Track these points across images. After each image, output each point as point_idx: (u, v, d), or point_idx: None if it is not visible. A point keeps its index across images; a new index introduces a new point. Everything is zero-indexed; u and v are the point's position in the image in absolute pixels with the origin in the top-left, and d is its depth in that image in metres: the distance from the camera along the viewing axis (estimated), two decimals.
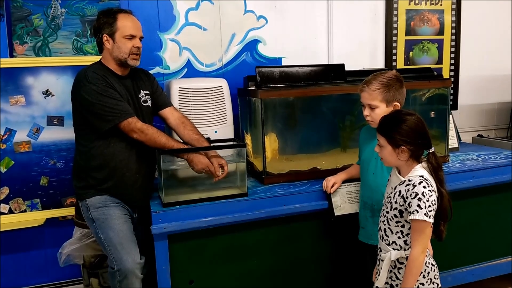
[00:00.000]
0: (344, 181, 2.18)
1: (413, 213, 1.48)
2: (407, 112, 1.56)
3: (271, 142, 2.35)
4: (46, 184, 2.48)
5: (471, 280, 2.57)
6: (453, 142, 2.97)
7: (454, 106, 3.43)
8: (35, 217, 2.47)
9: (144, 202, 2.14)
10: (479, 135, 3.46)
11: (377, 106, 1.86)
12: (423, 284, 1.55)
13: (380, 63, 3.24)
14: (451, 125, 2.92)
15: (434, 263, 1.62)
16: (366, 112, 1.90)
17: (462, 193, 2.40)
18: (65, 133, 2.47)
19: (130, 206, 2.12)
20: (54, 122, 2.46)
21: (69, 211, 2.53)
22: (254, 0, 2.83)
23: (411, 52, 3.29)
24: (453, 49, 3.40)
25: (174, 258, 2.01)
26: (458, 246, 2.49)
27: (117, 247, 1.98)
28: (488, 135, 3.54)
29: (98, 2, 2.51)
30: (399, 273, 1.59)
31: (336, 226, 2.20)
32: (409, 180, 1.53)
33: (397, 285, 1.59)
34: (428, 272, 1.57)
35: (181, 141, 2.15)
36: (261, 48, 2.90)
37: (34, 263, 2.61)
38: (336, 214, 2.16)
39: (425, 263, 1.56)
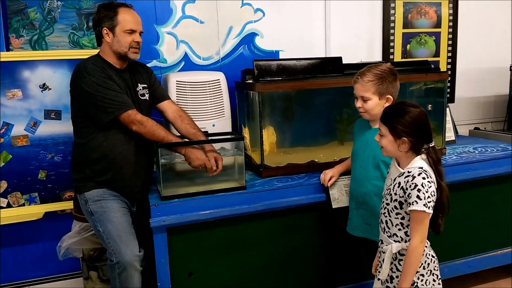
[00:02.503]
0: (342, 174, 2.19)
1: (413, 204, 1.49)
2: (411, 104, 1.57)
3: (269, 135, 2.35)
4: (44, 178, 2.48)
5: (467, 272, 2.59)
6: (450, 135, 2.98)
7: (451, 99, 3.44)
8: (34, 211, 2.47)
9: (142, 195, 2.15)
10: (476, 128, 3.47)
11: (369, 98, 1.88)
12: (423, 275, 1.57)
13: (377, 56, 3.24)
14: (448, 118, 2.93)
15: (434, 254, 1.63)
16: (358, 104, 1.92)
17: (458, 185, 2.41)
18: (63, 127, 2.46)
19: (128, 199, 2.12)
20: (51, 116, 2.46)
21: (67, 205, 2.53)
22: None
23: (408, 45, 3.29)
24: (450, 42, 3.40)
25: (173, 251, 2.02)
26: (455, 238, 2.51)
27: (116, 240, 1.99)
28: (485, 128, 3.55)
29: None
30: (400, 264, 1.60)
31: (333, 218, 2.21)
32: (408, 172, 1.54)
33: (397, 276, 1.60)
34: (428, 264, 1.59)
35: (179, 135, 2.16)
36: (258, 41, 2.89)
37: (33, 257, 2.62)
38: (333, 206, 2.17)
39: (425, 255, 1.58)
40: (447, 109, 2.79)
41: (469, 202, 2.52)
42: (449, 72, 3.38)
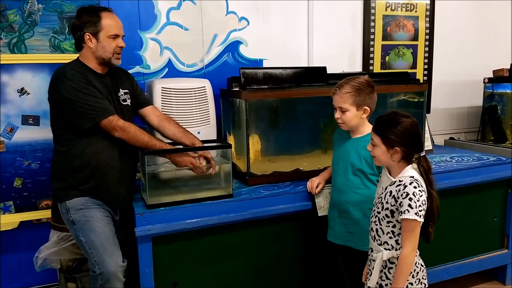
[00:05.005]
0: (328, 182, 2.21)
1: (404, 213, 1.51)
2: (403, 114, 1.60)
3: (254, 143, 2.35)
4: (20, 186, 2.39)
5: (446, 278, 2.65)
6: (427, 144, 3.07)
7: (427, 110, 3.53)
8: (8, 220, 2.38)
9: (126, 202, 2.10)
10: (451, 138, 3.58)
11: (347, 109, 1.92)
12: (412, 284, 1.59)
13: (358, 66, 3.30)
14: (425, 128, 3.01)
15: (423, 263, 1.66)
16: (337, 115, 1.97)
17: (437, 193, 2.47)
18: (41, 133, 2.39)
19: (112, 207, 2.06)
20: (30, 122, 2.38)
21: (44, 214, 2.45)
22: (236, 2, 2.83)
23: (387, 57, 3.38)
24: (426, 55, 3.51)
25: (158, 261, 1.98)
26: (434, 245, 2.52)
27: (99, 250, 1.94)
28: (459, 138, 3.67)
29: None
30: (389, 272, 1.62)
31: (319, 226, 2.22)
32: (400, 181, 1.56)
33: (386, 285, 1.61)
34: (417, 272, 1.61)
35: (164, 139, 2.12)
36: (242, 50, 2.89)
37: (7, 268, 2.50)
38: (319, 214, 2.18)
39: (415, 263, 1.60)
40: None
41: (447, 210, 2.58)
42: None
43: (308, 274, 2.31)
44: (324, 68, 2.52)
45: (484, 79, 3.43)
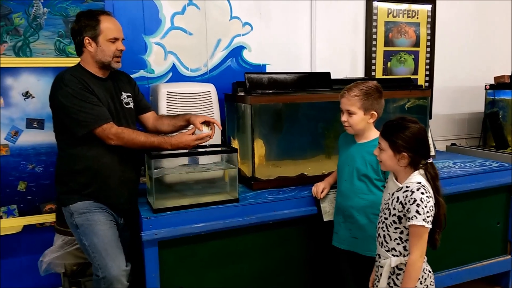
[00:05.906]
0: (332, 187, 2.22)
1: (412, 219, 1.51)
2: (411, 119, 1.61)
3: (258, 148, 2.35)
4: (24, 190, 2.38)
5: (449, 284, 2.65)
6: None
7: (429, 116, 3.55)
8: (12, 224, 2.37)
9: (129, 206, 2.09)
10: (452, 144, 3.59)
11: (354, 113, 1.93)
12: None
13: (360, 72, 3.32)
14: (428, 134, 3.02)
15: (430, 269, 1.66)
16: (344, 118, 1.97)
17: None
18: (45, 137, 2.38)
19: (115, 211, 2.06)
20: (34, 125, 2.38)
21: (48, 218, 2.44)
22: (240, 7, 2.84)
23: (389, 62, 3.39)
24: (428, 61, 3.53)
25: (164, 265, 1.98)
26: (436, 251, 2.54)
27: (102, 254, 1.93)
28: (460, 144, 3.68)
29: (82, 3, 2.44)
30: (397, 279, 1.61)
31: (324, 231, 2.22)
32: (407, 187, 1.56)
33: None
34: (425, 279, 1.61)
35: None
36: (246, 55, 2.90)
37: (10, 271, 2.49)
38: (325, 219, 2.19)
39: (422, 270, 1.60)
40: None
41: (450, 215, 2.55)
42: None
43: (313, 278, 2.31)
44: (328, 74, 2.54)
45: (485, 85, 3.45)
